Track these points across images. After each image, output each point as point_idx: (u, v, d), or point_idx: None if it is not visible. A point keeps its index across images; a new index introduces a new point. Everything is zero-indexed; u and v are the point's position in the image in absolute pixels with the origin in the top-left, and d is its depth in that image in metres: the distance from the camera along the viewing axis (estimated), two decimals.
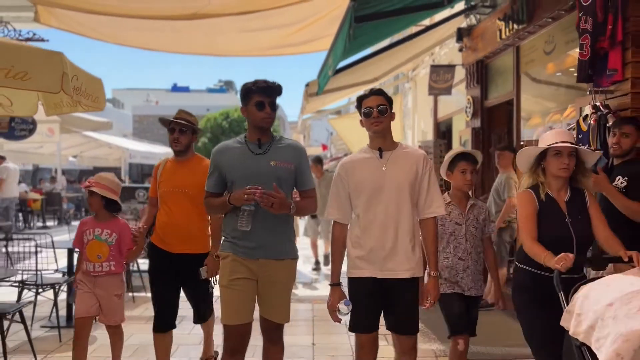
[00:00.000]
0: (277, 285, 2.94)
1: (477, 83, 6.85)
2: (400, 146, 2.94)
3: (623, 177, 3.29)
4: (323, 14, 7.81)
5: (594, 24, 3.68)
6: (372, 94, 2.92)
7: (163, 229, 3.64)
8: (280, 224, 2.94)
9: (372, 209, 2.84)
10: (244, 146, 2.95)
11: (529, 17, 5.27)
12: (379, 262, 2.83)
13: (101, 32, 8.63)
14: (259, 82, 2.92)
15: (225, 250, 3.00)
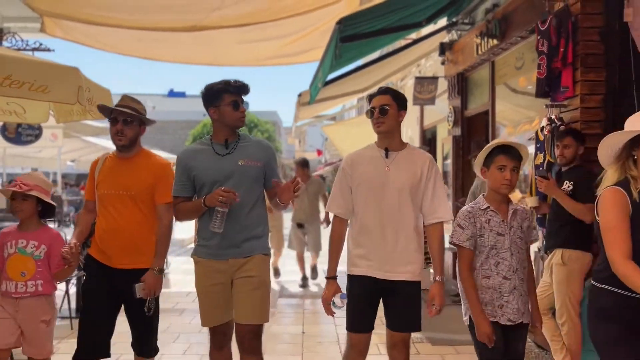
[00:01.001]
0: (250, 279, 2.86)
1: (458, 94, 7.34)
2: (408, 147, 2.91)
3: (569, 181, 3.79)
4: (316, 27, 8.30)
5: (549, 47, 4.19)
6: (379, 94, 2.87)
7: (102, 239, 3.07)
8: (251, 223, 2.90)
9: (371, 207, 2.81)
10: (210, 148, 2.93)
11: (502, 36, 5.76)
12: (378, 262, 2.80)
13: (104, 42, 9.07)
14: (232, 82, 2.89)
15: (197, 254, 2.97)
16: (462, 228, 2.68)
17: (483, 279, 2.68)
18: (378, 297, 2.87)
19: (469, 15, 6.88)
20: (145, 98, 47.58)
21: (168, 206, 3.05)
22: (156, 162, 3.17)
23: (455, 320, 4.09)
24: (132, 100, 3.19)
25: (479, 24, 6.47)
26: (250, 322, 2.85)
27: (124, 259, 3.05)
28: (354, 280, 2.87)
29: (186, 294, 6.89)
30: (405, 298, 2.81)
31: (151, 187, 3.07)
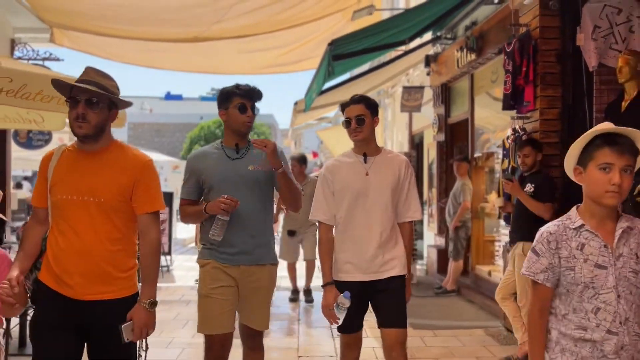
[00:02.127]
0: (259, 291, 2.88)
1: (442, 103, 7.94)
2: (384, 151, 2.98)
3: (531, 184, 4.35)
4: (310, 38, 8.88)
5: (514, 66, 4.78)
6: (353, 103, 2.92)
7: (59, 261, 2.27)
8: (261, 230, 2.88)
9: (355, 212, 2.86)
10: (221, 152, 2.90)
11: (478, 51, 6.36)
12: (364, 266, 2.85)
13: (110, 52, 9.60)
14: (242, 86, 2.89)
15: (205, 257, 2.91)
16: (537, 255, 1.91)
17: (575, 331, 1.85)
18: (366, 299, 2.92)
19: (451, 31, 7.48)
20: (142, 101, 48.09)
21: (154, 217, 2.36)
22: (134, 157, 2.34)
23: (435, 309, 4.66)
24: (98, 73, 2.34)
25: (459, 39, 7.07)
26: (260, 328, 2.94)
27: (89, 288, 2.23)
28: (342, 286, 2.88)
29: (190, 288, 7.44)
30: (393, 293, 2.88)
31: (127, 191, 2.31)
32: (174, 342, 4.97)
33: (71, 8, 7.76)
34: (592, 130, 2.02)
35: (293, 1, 7.55)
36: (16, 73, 4.52)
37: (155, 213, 2.39)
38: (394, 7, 10.23)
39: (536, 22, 4.72)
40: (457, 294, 6.89)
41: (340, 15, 8.24)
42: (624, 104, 4.15)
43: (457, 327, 5.37)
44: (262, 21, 8.26)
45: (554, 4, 4.63)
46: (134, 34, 8.67)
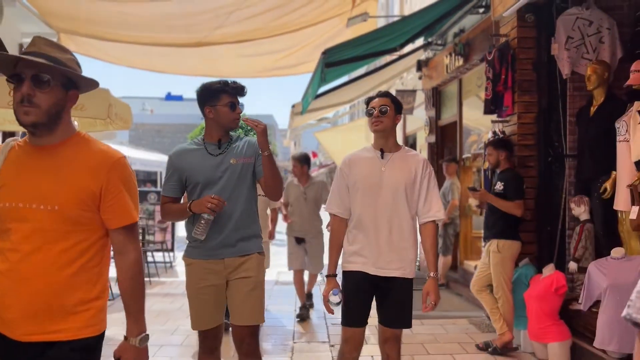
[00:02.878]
0: (247, 280, 2.83)
1: (433, 106, 8.30)
2: (403, 149, 2.96)
3: (500, 182, 4.68)
4: (307, 43, 9.24)
5: (494, 74, 5.15)
6: (378, 97, 2.94)
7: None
8: (244, 223, 2.85)
9: (367, 206, 2.85)
10: (202, 148, 2.88)
11: (465, 58, 6.72)
12: (372, 259, 2.84)
13: (114, 56, 9.96)
14: (231, 83, 2.88)
15: (190, 256, 2.89)
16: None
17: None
18: (371, 293, 2.90)
19: (441, 37, 7.84)
20: (143, 101, 48.49)
21: (131, 231, 1.85)
22: (101, 154, 1.82)
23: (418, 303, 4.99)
24: (49, 44, 1.83)
25: (448, 45, 7.43)
26: (249, 323, 2.82)
27: (34, 327, 1.72)
28: (348, 275, 2.90)
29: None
30: (397, 295, 2.85)
31: (91, 198, 1.78)
32: (179, 329, 5.34)
33: (78, 15, 8.11)
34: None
35: (290, 8, 7.91)
36: None
37: (131, 226, 1.85)
38: (389, 15, 10.59)
39: (514, 33, 5.09)
40: (446, 287, 7.26)
41: (335, 20, 8.60)
42: (592, 109, 4.52)
43: (443, 317, 5.73)
44: (261, 27, 8.62)
45: (530, 17, 4.99)
46: (138, 39, 9.02)
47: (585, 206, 4.40)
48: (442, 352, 4.63)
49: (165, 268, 9.16)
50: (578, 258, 4.37)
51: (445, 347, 4.77)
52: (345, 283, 2.92)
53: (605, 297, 3.84)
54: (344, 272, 2.94)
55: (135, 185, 1.93)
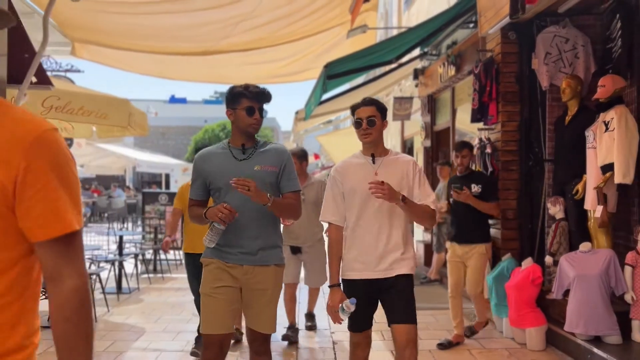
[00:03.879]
0: (263, 292, 2.83)
1: (429, 112, 8.81)
2: (391, 153, 3.00)
3: (477, 184, 4.82)
4: (309, 51, 9.73)
5: (480, 85, 5.65)
6: (364, 105, 2.94)
7: None
8: (266, 231, 2.85)
9: (365, 212, 2.87)
10: (228, 152, 2.88)
11: (457, 68, 7.22)
12: (372, 264, 2.86)
13: (126, 63, 10.45)
14: (251, 87, 2.85)
15: (208, 256, 2.89)
16: None
17: None
18: (375, 297, 2.93)
19: (436, 48, 8.35)
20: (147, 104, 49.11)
21: (67, 246, 1.19)
22: (16, 125, 1.16)
23: (418, 296, 5.36)
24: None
25: (442, 56, 7.94)
26: (265, 332, 2.88)
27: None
28: (350, 284, 2.92)
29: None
30: (401, 290, 2.87)
31: (5, 196, 1.15)
32: (194, 319, 5.84)
33: (93, 26, 8.61)
34: None
35: (294, 19, 8.40)
36: (63, 92, 5.41)
37: (68, 239, 1.19)
38: (388, 26, 11.09)
39: (498, 48, 5.59)
40: (439, 282, 7.75)
41: (336, 30, 9.10)
42: (567, 118, 5.03)
43: (435, 308, 6.22)
44: (265, 36, 9.11)
45: (512, 34, 5.50)
46: (149, 48, 9.51)
47: (560, 206, 4.90)
48: (432, 337, 5.12)
49: (176, 265, 9.67)
50: (553, 252, 4.86)
51: (435, 333, 5.27)
52: (347, 291, 2.92)
53: (573, 286, 4.34)
54: (344, 281, 2.95)
55: (75, 173, 1.23)
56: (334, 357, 4.66)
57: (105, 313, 6.07)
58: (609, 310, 4.24)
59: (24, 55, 4.50)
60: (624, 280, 4.21)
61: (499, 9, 5.33)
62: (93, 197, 20.42)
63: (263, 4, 8.03)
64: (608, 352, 4.02)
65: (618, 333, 4.21)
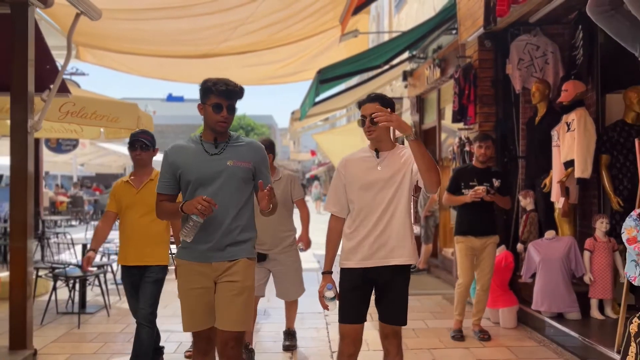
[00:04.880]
0: (231, 285, 2.76)
1: (417, 111, 9.33)
2: (397, 147, 2.98)
3: (497, 179, 4.80)
4: (304, 54, 10.23)
5: (459, 89, 6.17)
6: (369, 101, 2.93)
7: None
8: (237, 227, 2.80)
9: (364, 202, 2.88)
10: (199, 146, 2.81)
11: (442, 71, 7.73)
12: (369, 252, 2.85)
13: (129, 66, 10.93)
14: (219, 84, 2.75)
15: (180, 257, 2.85)
16: None
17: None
18: (370, 289, 2.91)
19: (423, 51, 8.86)
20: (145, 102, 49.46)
21: None
22: None
23: None
24: None
25: (428, 59, 8.45)
26: (232, 329, 2.74)
27: None
28: (346, 273, 2.92)
29: None
30: (396, 289, 2.88)
31: None
32: None
33: (98, 32, 9.08)
34: None
35: (289, 23, 8.90)
36: (77, 98, 5.91)
37: None
38: (379, 30, 11.58)
39: (476, 55, 6.11)
40: (427, 272, 8.30)
41: (330, 33, 9.60)
42: (537, 119, 5.56)
43: (421, 294, 6.77)
44: (263, 39, 9.61)
45: (488, 43, 6.01)
46: (152, 52, 9.99)
47: (531, 198, 5.43)
48: (416, 318, 5.65)
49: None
50: (524, 240, 5.39)
51: (419, 315, 5.80)
52: (342, 280, 2.94)
53: (538, 269, 4.88)
54: (342, 269, 2.96)
55: None
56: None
57: (118, 301, 6.59)
58: (570, 290, 4.78)
59: (45, 67, 5.03)
60: (582, 263, 4.75)
61: (475, 19, 5.85)
62: (95, 195, 20.92)
63: (260, 9, 8.52)
64: (569, 327, 4.56)
65: (578, 310, 4.75)
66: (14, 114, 4.28)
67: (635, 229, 3.06)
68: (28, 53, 4.32)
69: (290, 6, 8.37)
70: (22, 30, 4.27)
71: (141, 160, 3.82)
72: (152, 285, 3.71)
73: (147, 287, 3.71)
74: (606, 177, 4.84)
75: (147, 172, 3.85)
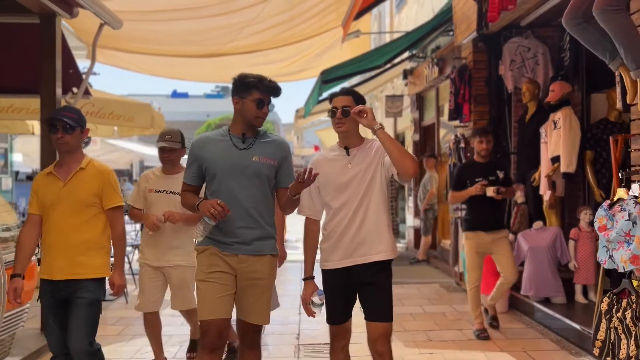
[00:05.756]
0: (257, 282, 2.80)
1: (417, 109, 9.69)
2: (366, 142, 2.92)
3: (500, 171, 4.75)
4: (307, 53, 10.58)
5: (455, 89, 6.53)
6: (342, 94, 2.92)
7: None
8: (260, 222, 2.81)
9: (339, 202, 2.87)
10: (228, 139, 2.82)
11: (440, 70, 8.09)
12: (348, 251, 2.84)
13: (139, 66, 11.26)
14: (265, 81, 2.79)
15: (203, 244, 2.83)
16: None
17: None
18: (353, 288, 2.89)
19: (423, 50, 9.21)
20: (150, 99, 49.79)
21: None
22: None
23: (407, 273, 6.27)
24: None
25: (428, 59, 8.81)
26: (256, 322, 2.84)
27: None
28: (327, 274, 2.91)
29: None
30: (379, 284, 2.85)
31: None
32: None
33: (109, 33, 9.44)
34: None
35: (293, 23, 9.25)
36: (96, 100, 6.31)
37: None
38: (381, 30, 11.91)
39: (470, 56, 6.47)
40: (427, 263, 8.68)
41: (332, 32, 9.95)
42: (527, 117, 5.92)
43: (420, 282, 7.16)
44: (268, 39, 9.97)
45: (482, 45, 6.37)
46: (161, 52, 10.34)
47: (521, 192, 5.79)
48: (414, 304, 6.04)
49: None
50: (515, 231, 5.76)
51: (417, 301, 6.19)
52: (325, 282, 2.93)
53: (527, 257, 5.26)
54: (323, 271, 2.95)
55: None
56: None
57: (134, 289, 7.00)
58: (556, 276, 5.16)
59: (69, 71, 5.42)
60: (568, 251, 5.13)
61: (470, 23, 6.21)
62: None
63: (265, 10, 8.88)
64: (555, 310, 4.93)
65: (563, 295, 5.13)
66: (44, 116, 4.67)
67: (606, 218, 3.42)
68: (56, 59, 4.70)
69: (295, 7, 8.72)
70: (50, 38, 4.66)
71: (65, 144, 3.01)
72: (88, 308, 2.98)
73: (81, 310, 2.97)
74: (590, 172, 5.20)
75: (75, 159, 3.07)
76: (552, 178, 5.27)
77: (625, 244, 3.23)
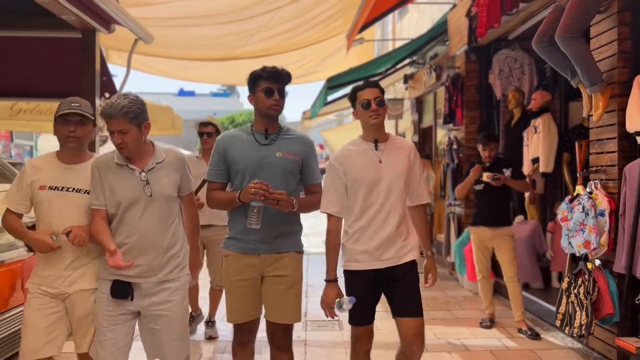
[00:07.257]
0: (282, 279, 2.79)
1: (416, 112, 10.32)
2: (391, 137, 2.90)
3: (506, 168, 4.94)
4: (313, 57, 11.22)
5: (449, 95, 7.17)
6: (368, 87, 2.85)
7: None
8: (283, 219, 2.79)
9: (370, 202, 2.79)
10: (250, 136, 2.82)
11: (437, 77, 8.72)
12: (379, 253, 2.77)
13: (154, 67, 11.92)
14: (268, 68, 2.78)
15: (227, 247, 2.85)
16: None
17: None
18: (379, 289, 2.85)
19: (422, 57, 9.84)
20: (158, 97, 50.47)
21: None
22: None
23: None
24: None
25: (426, 65, 9.44)
26: (283, 321, 2.79)
27: None
28: (354, 275, 2.83)
29: None
30: (407, 281, 2.82)
31: None
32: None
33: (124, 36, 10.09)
34: None
35: (301, 30, 9.89)
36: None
37: None
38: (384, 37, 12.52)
39: (463, 66, 7.10)
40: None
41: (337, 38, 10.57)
42: (513, 122, 6.55)
43: None
44: (276, 45, 10.62)
45: (473, 56, 7.00)
46: (176, 55, 11.00)
47: None
48: None
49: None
50: None
51: None
52: (350, 283, 2.86)
53: None
54: (349, 272, 2.86)
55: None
56: None
57: None
58: (534, 264, 5.79)
59: (102, 78, 6.08)
60: (545, 242, 5.76)
61: (463, 36, 6.84)
62: None
63: (275, 18, 9.52)
64: (533, 294, 5.57)
65: (540, 280, 5.77)
66: None
67: (567, 211, 4.07)
68: (95, 70, 5.36)
69: (302, 15, 9.35)
70: (90, 51, 5.32)
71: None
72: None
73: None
74: (566, 172, 5.83)
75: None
76: (532, 177, 5.90)
77: (580, 232, 3.88)
